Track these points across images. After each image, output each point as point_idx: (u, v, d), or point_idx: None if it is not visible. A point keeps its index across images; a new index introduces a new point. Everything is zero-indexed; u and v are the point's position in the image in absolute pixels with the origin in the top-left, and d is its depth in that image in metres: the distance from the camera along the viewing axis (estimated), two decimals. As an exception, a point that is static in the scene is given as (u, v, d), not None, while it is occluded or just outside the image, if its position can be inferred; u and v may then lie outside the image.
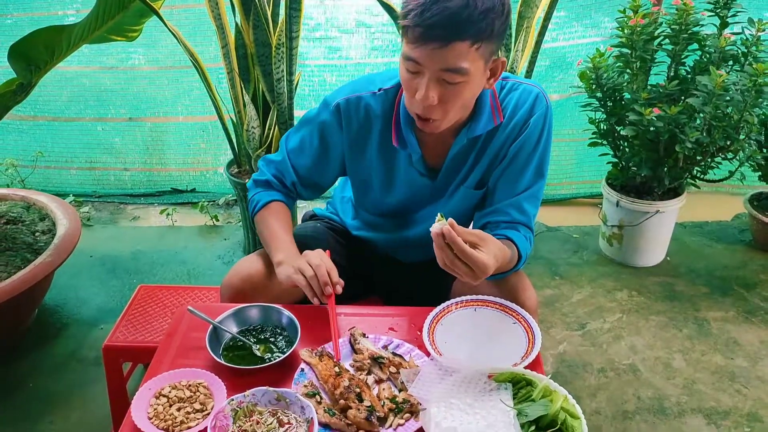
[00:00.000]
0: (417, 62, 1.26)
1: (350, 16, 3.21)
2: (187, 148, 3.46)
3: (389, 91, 1.49)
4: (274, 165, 1.63)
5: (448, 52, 1.22)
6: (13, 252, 2.27)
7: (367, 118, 1.50)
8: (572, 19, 3.20)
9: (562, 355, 2.35)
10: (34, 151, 3.36)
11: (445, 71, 1.25)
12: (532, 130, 1.45)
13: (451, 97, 1.30)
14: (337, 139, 1.54)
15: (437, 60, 1.24)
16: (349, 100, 1.50)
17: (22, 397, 2.16)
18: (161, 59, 3.25)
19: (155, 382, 1.22)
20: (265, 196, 1.59)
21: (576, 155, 3.44)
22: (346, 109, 1.50)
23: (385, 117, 1.49)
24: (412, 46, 1.25)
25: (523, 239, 1.47)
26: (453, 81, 1.27)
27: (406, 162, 1.52)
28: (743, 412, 2.11)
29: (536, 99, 1.45)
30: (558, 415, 1.09)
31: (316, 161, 1.58)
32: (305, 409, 1.13)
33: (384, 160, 1.54)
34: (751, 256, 2.97)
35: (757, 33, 2.47)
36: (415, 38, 1.23)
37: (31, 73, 2.13)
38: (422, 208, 1.61)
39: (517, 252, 1.43)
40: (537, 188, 1.51)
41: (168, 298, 2.04)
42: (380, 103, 1.49)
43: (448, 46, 1.22)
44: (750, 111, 2.41)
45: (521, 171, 1.49)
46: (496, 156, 1.50)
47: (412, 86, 1.31)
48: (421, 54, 1.24)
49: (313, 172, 1.60)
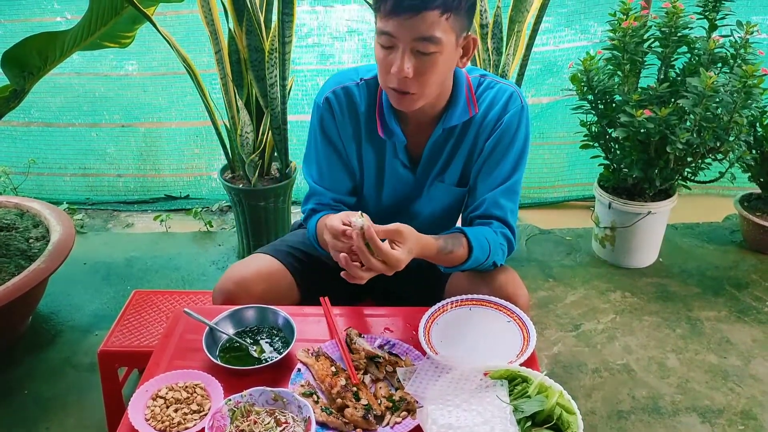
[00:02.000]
0: (391, 35, 1.30)
1: (342, 23, 3.23)
2: (180, 153, 3.46)
3: (369, 81, 1.52)
4: (310, 198, 1.62)
5: (420, 21, 1.27)
6: (7, 259, 2.27)
7: (354, 109, 1.53)
8: (562, 24, 3.23)
9: (557, 356, 2.36)
10: (27, 158, 3.35)
11: (419, 41, 1.29)
12: (507, 127, 1.48)
13: (427, 69, 1.33)
14: (335, 132, 1.56)
15: (410, 29, 1.28)
16: (336, 91, 1.53)
17: (17, 403, 2.15)
18: (154, 65, 3.25)
19: (152, 384, 1.22)
20: (314, 220, 1.57)
21: (568, 158, 3.47)
22: (336, 101, 1.52)
23: (368, 109, 1.52)
24: (385, 20, 1.30)
25: (489, 233, 1.49)
26: (427, 51, 1.30)
27: (391, 154, 1.55)
28: (737, 410, 2.12)
29: (510, 97, 1.49)
30: (554, 410, 1.10)
31: (336, 164, 1.58)
32: (302, 408, 1.14)
33: (374, 152, 1.56)
34: (743, 257, 2.99)
35: (746, 35, 2.50)
36: (388, 11, 1.28)
37: (24, 80, 2.14)
38: (409, 205, 1.63)
39: (467, 244, 1.45)
40: (513, 182, 1.52)
41: (163, 303, 2.04)
42: (363, 95, 1.52)
43: (419, 14, 1.26)
44: (739, 112, 2.43)
45: (497, 166, 1.51)
46: (471, 151, 1.53)
47: (387, 62, 1.34)
48: (394, 25, 1.29)
49: (342, 177, 1.59)
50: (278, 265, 1.62)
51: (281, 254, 1.65)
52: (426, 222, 1.60)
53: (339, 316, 1.44)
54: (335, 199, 1.59)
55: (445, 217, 1.64)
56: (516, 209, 1.56)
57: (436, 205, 1.61)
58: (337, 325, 1.39)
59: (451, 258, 1.44)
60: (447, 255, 1.43)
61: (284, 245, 1.70)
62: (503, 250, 1.53)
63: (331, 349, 1.33)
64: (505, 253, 1.54)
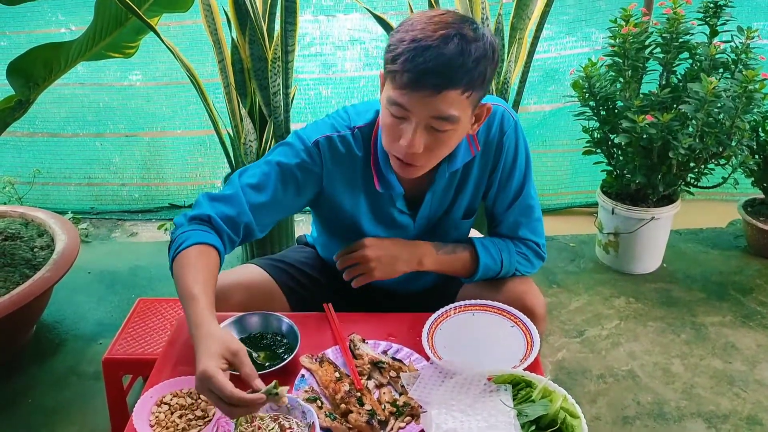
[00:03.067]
0: (405, 108, 1.21)
1: (344, 32, 3.25)
2: (184, 162, 3.48)
3: (363, 130, 1.41)
4: (221, 201, 1.38)
5: (440, 100, 1.18)
6: (12, 268, 2.28)
7: (350, 160, 1.42)
8: (564, 32, 3.25)
9: (561, 362, 2.36)
10: (32, 168, 3.37)
11: (435, 119, 1.21)
12: (508, 149, 1.45)
13: (438, 145, 1.26)
14: (314, 180, 1.42)
15: (428, 107, 1.19)
16: (331, 138, 1.39)
17: (21, 411, 2.15)
18: (158, 75, 3.28)
19: (156, 390, 1.22)
20: (199, 236, 1.32)
21: (571, 165, 3.47)
22: (329, 148, 1.40)
23: (363, 161, 1.43)
24: (400, 92, 1.19)
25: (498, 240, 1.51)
26: (442, 129, 1.22)
27: (388, 203, 1.47)
28: (743, 415, 2.11)
29: (503, 118, 1.43)
30: (558, 414, 1.10)
31: (279, 200, 1.40)
32: (306, 413, 1.14)
33: (369, 202, 1.48)
34: (747, 262, 2.98)
35: (747, 41, 2.51)
36: (404, 84, 1.18)
37: (29, 90, 2.16)
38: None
39: (470, 245, 1.48)
40: (526, 194, 1.51)
41: (167, 310, 2.04)
42: (360, 146, 1.41)
43: (441, 94, 1.17)
44: (741, 117, 2.44)
45: (507, 183, 1.49)
46: (478, 184, 1.50)
47: (395, 131, 1.25)
48: (411, 100, 1.19)
49: (269, 211, 1.41)
50: (264, 276, 1.57)
51: (271, 266, 1.60)
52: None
53: (342, 322, 1.44)
54: (247, 223, 1.37)
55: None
56: (536, 220, 1.54)
57: (442, 239, 1.55)
58: (341, 331, 1.39)
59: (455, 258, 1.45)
60: (449, 256, 1.43)
61: (279, 259, 1.67)
62: (528, 259, 1.53)
63: (334, 355, 1.33)
64: (532, 262, 1.54)
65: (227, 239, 1.36)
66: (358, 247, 1.44)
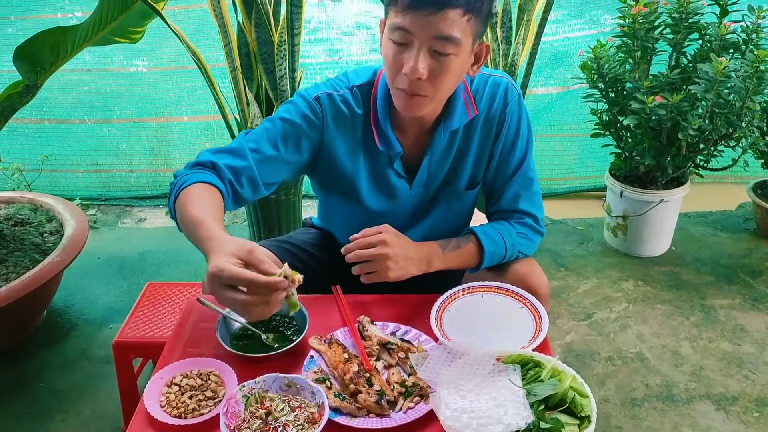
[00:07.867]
0: (407, 31, 1.21)
1: (350, 17, 3.24)
2: (191, 148, 3.48)
3: (362, 88, 1.43)
4: (225, 153, 1.36)
5: (441, 19, 1.19)
6: (22, 253, 2.29)
7: (350, 117, 1.43)
8: (572, 14, 3.22)
9: (570, 345, 2.36)
10: (40, 154, 3.39)
11: (437, 39, 1.21)
12: (510, 120, 1.46)
13: (442, 71, 1.25)
14: (315, 134, 1.43)
15: (429, 27, 1.20)
16: (332, 95, 1.42)
17: (33, 394, 2.18)
18: (164, 60, 3.28)
19: (167, 372, 1.23)
20: (201, 176, 1.29)
21: (579, 149, 3.45)
22: (329, 105, 1.42)
23: (363, 118, 1.43)
24: (402, 14, 1.20)
25: (499, 225, 1.49)
26: (445, 51, 1.22)
27: (386, 163, 1.47)
28: (752, 397, 2.11)
29: (506, 89, 1.45)
30: (567, 393, 1.10)
31: (282, 155, 1.40)
32: (316, 393, 1.14)
33: (367, 161, 1.48)
34: (756, 244, 2.97)
35: (757, 21, 2.48)
36: (406, 5, 1.19)
37: (36, 75, 2.16)
38: (410, 215, 1.56)
39: (473, 235, 1.46)
40: (526, 167, 1.51)
41: (176, 294, 2.05)
42: (359, 103, 1.43)
43: (442, 11, 1.18)
44: (752, 98, 2.41)
45: (508, 156, 1.50)
46: (480, 151, 1.49)
47: (398, 61, 1.25)
48: (412, 21, 1.20)
49: (273, 165, 1.40)
50: (272, 257, 1.53)
51: (277, 248, 1.60)
52: (436, 229, 1.56)
53: (351, 303, 1.44)
54: (250, 175, 1.35)
55: (454, 222, 1.59)
56: (535, 193, 1.55)
57: (444, 211, 1.56)
58: (349, 312, 1.40)
59: (461, 252, 1.44)
60: (456, 251, 1.42)
61: (286, 240, 1.68)
62: (527, 238, 1.52)
63: (343, 337, 1.33)
64: (532, 240, 1.53)
65: (229, 186, 1.34)
66: (376, 241, 1.34)
